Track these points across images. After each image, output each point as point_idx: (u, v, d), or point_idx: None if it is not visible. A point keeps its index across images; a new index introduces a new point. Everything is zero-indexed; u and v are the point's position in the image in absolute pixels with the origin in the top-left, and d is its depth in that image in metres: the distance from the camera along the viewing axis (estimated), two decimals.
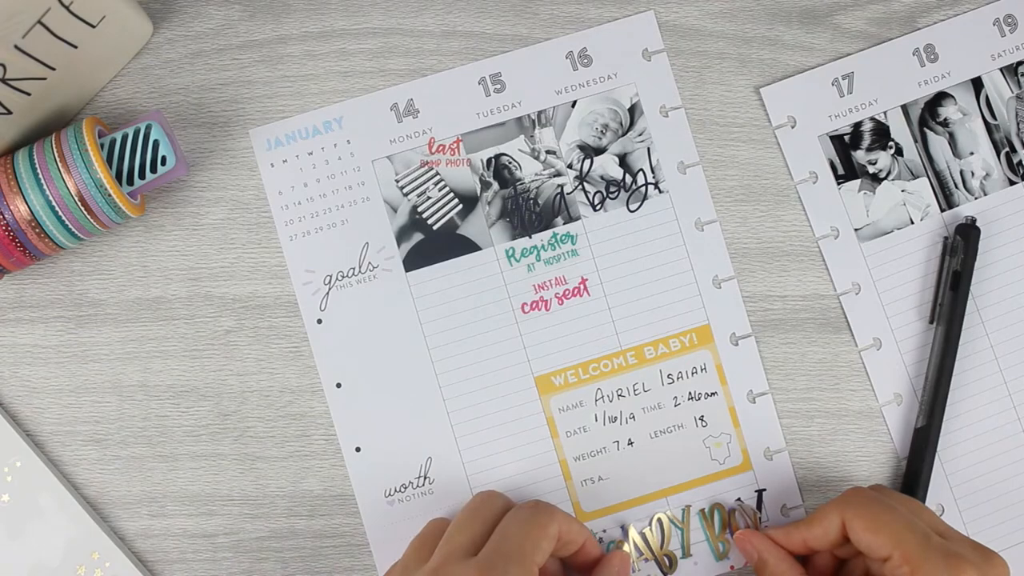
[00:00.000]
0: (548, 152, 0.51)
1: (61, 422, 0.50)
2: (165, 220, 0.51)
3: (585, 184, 0.51)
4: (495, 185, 0.51)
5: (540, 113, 0.52)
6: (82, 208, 0.46)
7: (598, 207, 0.51)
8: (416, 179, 0.51)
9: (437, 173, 0.51)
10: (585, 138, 0.52)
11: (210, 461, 0.50)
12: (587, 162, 0.51)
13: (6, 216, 0.46)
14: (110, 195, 0.46)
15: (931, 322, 0.51)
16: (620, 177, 0.51)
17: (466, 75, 0.52)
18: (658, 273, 0.51)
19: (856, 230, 0.52)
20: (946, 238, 0.51)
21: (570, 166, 0.52)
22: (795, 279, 0.52)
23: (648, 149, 0.52)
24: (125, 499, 0.50)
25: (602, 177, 0.51)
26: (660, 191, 0.51)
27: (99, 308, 0.51)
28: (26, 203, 0.46)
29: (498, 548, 0.43)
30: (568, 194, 0.51)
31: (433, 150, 0.51)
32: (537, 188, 0.51)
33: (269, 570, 0.50)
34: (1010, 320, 0.51)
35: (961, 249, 0.50)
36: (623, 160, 0.52)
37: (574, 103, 0.52)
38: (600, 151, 0.52)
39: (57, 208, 0.46)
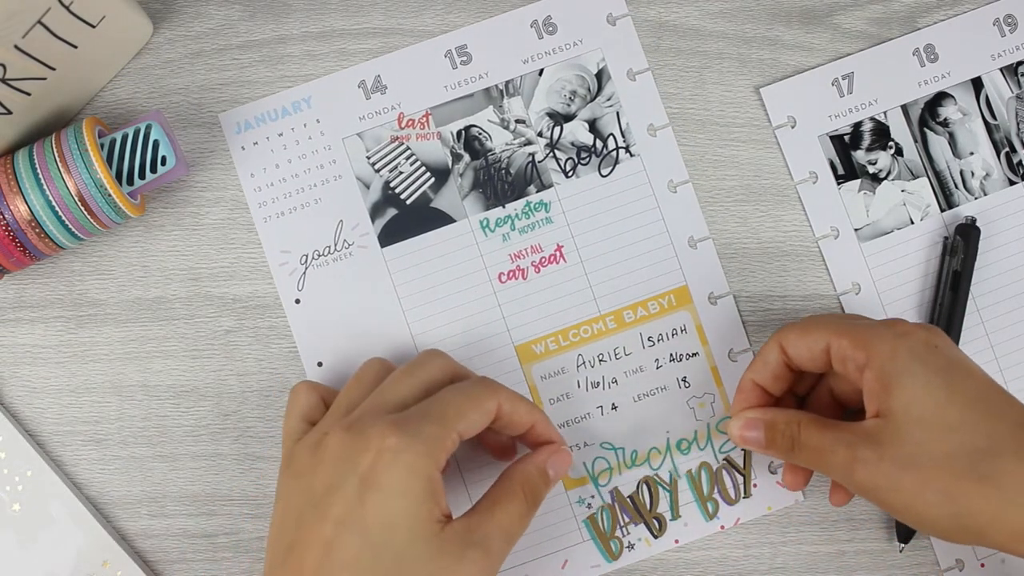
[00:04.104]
0: (518, 121, 0.52)
1: (61, 422, 0.50)
2: (165, 220, 0.51)
3: (556, 151, 0.52)
4: (466, 157, 0.52)
5: (508, 83, 0.52)
6: (82, 208, 0.46)
7: (570, 174, 0.52)
8: (387, 155, 0.51)
9: (408, 148, 0.51)
10: (554, 105, 0.52)
11: (210, 461, 0.50)
12: (557, 129, 0.52)
13: (6, 216, 0.46)
14: (110, 195, 0.46)
15: (931, 322, 0.51)
16: (591, 143, 0.52)
17: (432, 49, 0.52)
18: (633, 236, 0.51)
19: (856, 230, 0.52)
20: (946, 238, 0.51)
21: (540, 134, 0.52)
22: (795, 279, 0.52)
23: (617, 113, 0.52)
24: (125, 499, 0.50)
25: (573, 144, 0.52)
26: (631, 155, 0.52)
27: (99, 308, 0.51)
28: (26, 203, 0.46)
29: (421, 408, 0.43)
30: (539, 162, 0.52)
31: (403, 125, 0.52)
32: (508, 158, 0.52)
33: None
34: (1010, 320, 0.51)
35: (961, 249, 0.50)
36: (593, 126, 0.52)
37: (541, 71, 0.52)
38: (569, 118, 0.52)
39: (57, 208, 0.46)
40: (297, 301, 0.51)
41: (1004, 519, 0.40)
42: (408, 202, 0.51)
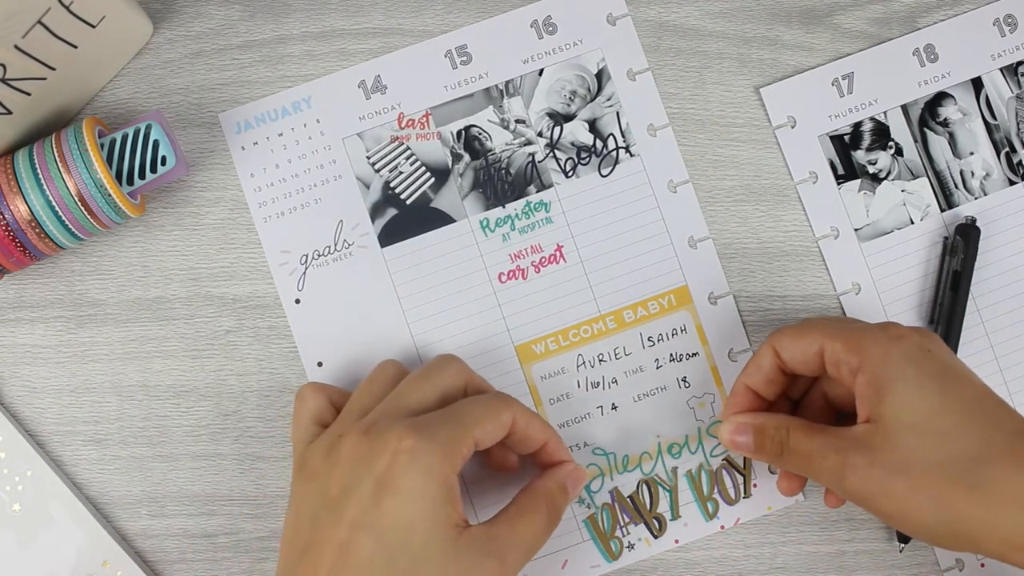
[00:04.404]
0: (518, 121, 0.52)
1: (61, 422, 0.50)
2: (165, 220, 0.51)
3: (556, 151, 0.52)
4: (466, 157, 0.52)
5: (508, 83, 0.52)
6: (82, 208, 0.46)
7: (570, 174, 0.52)
8: (387, 155, 0.51)
9: (408, 148, 0.52)
10: (554, 105, 0.52)
11: (210, 461, 0.50)
12: (557, 129, 0.52)
13: (6, 216, 0.46)
14: (110, 195, 0.46)
15: (931, 322, 0.51)
16: (591, 143, 0.52)
17: (432, 49, 0.52)
18: (633, 236, 0.51)
19: (856, 230, 0.52)
20: (946, 238, 0.51)
21: (540, 134, 0.52)
22: (795, 279, 0.52)
23: (617, 113, 0.52)
24: (125, 499, 0.50)
25: (573, 144, 0.52)
26: (631, 155, 0.52)
27: (99, 308, 0.51)
28: (26, 203, 0.46)
29: (438, 414, 0.43)
30: (539, 162, 0.52)
31: (403, 125, 0.52)
32: (508, 158, 0.52)
33: (269, 570, 0.50)
34: (1010, 320, 0.51)
35: (961, 249, 0.50)
36: (593, 126, 0.52)
37: (541, 71, 0.52)
38: (569, 118, 0.52)
39: (57, 208, 0.46)
40: (297, 301, 0.51)
41: (996, 527, 0.40)
42: (408, 202, 0.51)
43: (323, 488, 0.41)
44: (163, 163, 0.47)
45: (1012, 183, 0.52)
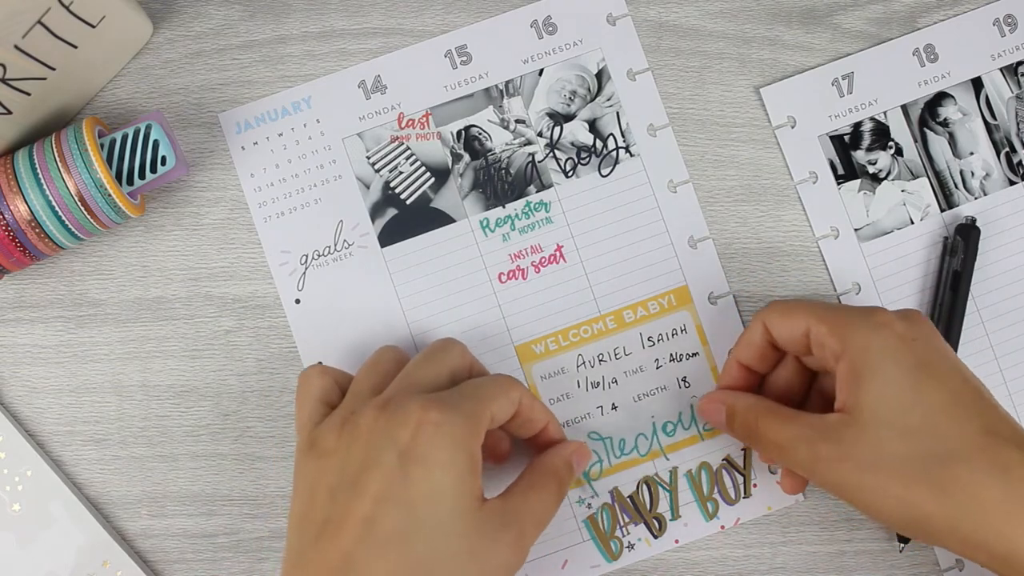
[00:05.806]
0: (518, 121, 0.52)
1: (61, 422, 0.50)
2: (165, 220, 0.51)
3: (556, 151, 0.52)
4: (466, 157, 0.52)
5: (508, 83, 0.52)
6: (82, 208, 0.46)
7: (570, 174, 0.52)
8: (387, 155, 0.51)
9: (408, 148, 0.52)
10: (554, 105, 0.52)
11: (210, 461, 0.50)
12: (557, 129, 0.52)
13: (6, 216, 0.46)
14: (110, 195, 0.46)
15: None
16: (591, 143, 0.52)
17: (432, 49, 0.52)
18: (633, 236, 0.51)
19: (856, 230, 0.52)
20: (946, 238, 0.51)
21: (540, 134, 0.52)
22: (795, 279, 0.52)
23: (617, 113, 0.52)
24: (125, 499, 0.50)
25: (573, 144, 0.52)
26: (631, 155, 0.52)
27: (99, 308, 0.51)
28: (26, 203, 0.46)
29: (455, 390, 0.43)
30: (539, 162, 0.52)
31: (403, 125, 0.52)
32: (508, 158, 0.52)
33: (269, 570, 0.50)
34: (1010, 320, 0.51)
35: (961, 249, 0.50)
36: (593, 126, 0.52)
37: (541, 71, 0.52)
38: (569, 118, 0.52)
39: (57, 208, 0.46)
40: (297, 301, 0.51)
41: (957, 528, 0.40)
42: (408, 202, 0.51)
43: (340, 464, 0.41)
44: (163, 163, 0.47)
45: (1012, 183, 0.52)
